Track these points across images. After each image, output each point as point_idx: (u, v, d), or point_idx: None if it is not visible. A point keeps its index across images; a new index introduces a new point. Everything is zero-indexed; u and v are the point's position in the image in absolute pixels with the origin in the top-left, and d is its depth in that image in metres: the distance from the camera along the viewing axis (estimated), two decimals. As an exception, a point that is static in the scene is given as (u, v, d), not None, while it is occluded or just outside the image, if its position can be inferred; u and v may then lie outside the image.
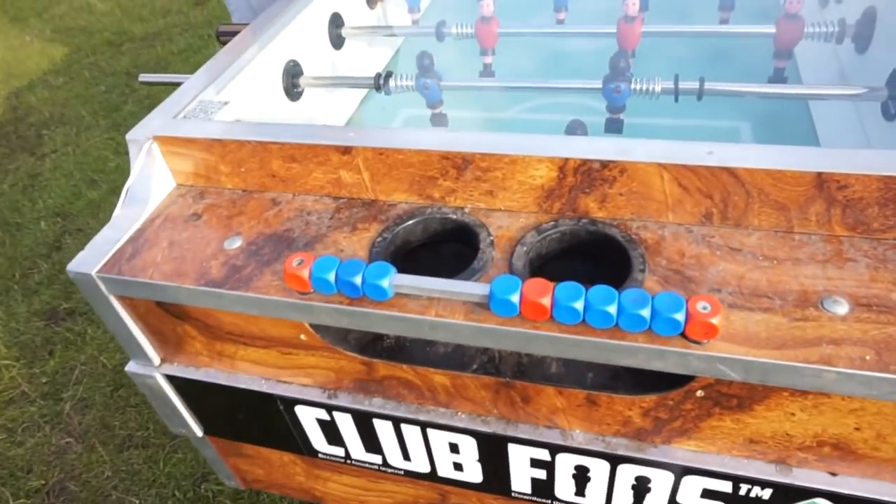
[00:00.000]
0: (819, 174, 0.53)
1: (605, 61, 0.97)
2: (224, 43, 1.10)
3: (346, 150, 0.65)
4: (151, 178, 0.73)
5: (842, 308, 0.50)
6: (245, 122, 0.75)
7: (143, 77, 1.06)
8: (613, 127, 0.87)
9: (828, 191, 0.54)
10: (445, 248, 0.68)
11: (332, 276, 0.56)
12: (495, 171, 0.62)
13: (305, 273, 0.57)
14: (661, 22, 0.96)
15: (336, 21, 1.09)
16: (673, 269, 0.56)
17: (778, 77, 0.90)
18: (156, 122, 0.73)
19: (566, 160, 0.59)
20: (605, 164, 0.58)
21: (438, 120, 0.96)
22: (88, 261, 0.66)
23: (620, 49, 0.93)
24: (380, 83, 0.94)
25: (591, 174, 0.59)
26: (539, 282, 0.52)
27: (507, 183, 0.62)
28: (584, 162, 0.58)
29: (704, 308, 0.48)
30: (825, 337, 0.49)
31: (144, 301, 0.67)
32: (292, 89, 0.97)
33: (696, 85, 0.80)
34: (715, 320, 0.47)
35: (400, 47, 1.25)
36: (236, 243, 0.65)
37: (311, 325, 0.63)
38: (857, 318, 0.50)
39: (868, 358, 0.46)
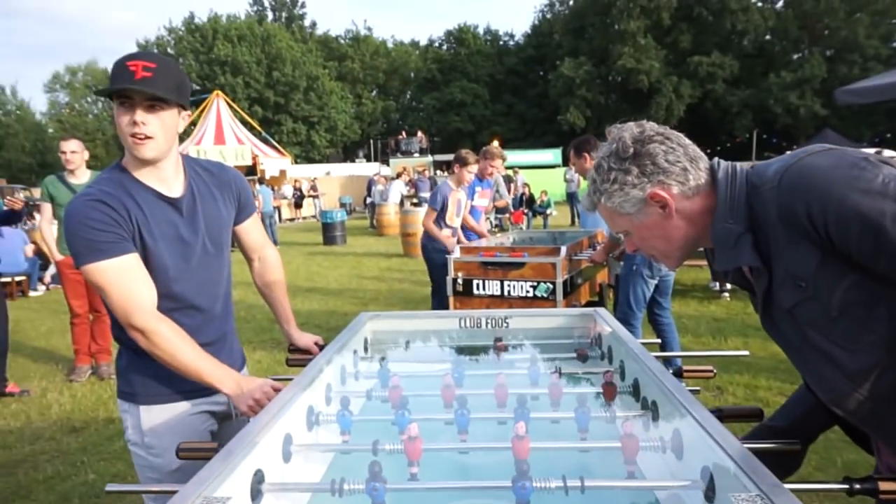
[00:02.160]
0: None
1: (506, 467, 1.27)
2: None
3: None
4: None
5: None
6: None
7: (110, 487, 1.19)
8: (523, 517, 1.12)
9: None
10: None
11: None
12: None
13: None
14: (542, 440, 1.31)
15: (287, 440, 1.34)
16: None
17: (630, 476, 1.24)
18: (172, 517, 0.89)
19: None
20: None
21: (382, 518, 1.15)
22: None
23: (518, 459, 1.25)
24: (335, 488, 1.15)
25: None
26: None
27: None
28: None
29: None
30: None
31: None
32: (256, 495, 1.15)
33: (578, 483, 1.12)
34: None
35: (331, 461, 1.49)
36: None
37: None
38: None
39: None
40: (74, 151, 4.74)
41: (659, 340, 2.77)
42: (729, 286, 7.74)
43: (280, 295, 2.06)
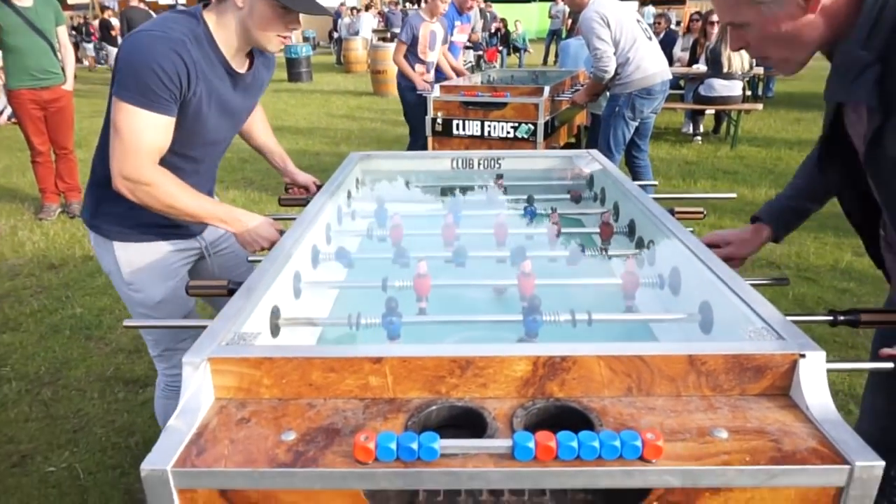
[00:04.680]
0: (690, 356, 0.88)
1: (511, 302, 1.33)
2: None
3: (378, 360, 0.89)
4: (201, 393, 0.88)
5: (723, 434, 0.81)
6: (282, 345, 0.95)
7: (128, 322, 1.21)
8: (531, 347, 1.19)
9: (696, 365, 0.88)
10: (447, 432, 0.90)
11: (393, 445, 0.76)
12: (489, 369, 0.89)
13: (372, 445, 0.76)
14: (541, 278, 1.35)
15: (297, 278, 1.36)
16: (618, 422, 0.84)
17: (628, 310, 1.32)
18: (207, 348, 0.91)
19: (538, 357, 0.88)
20: (563, 359, 0.88)
21: (396, 348, 1.21)
22: (161, 458, 0.77)
23: (524, 294, 1.30)
24: (352, 322, 1.20)
25: (554, 366, 0.88)
26: (545, 433, 0.77)
27: (497, 377, 0.89)
28: (550, 358, 0.88)
29: (651, 437, 0.76)
30: (722, 451, 0.78)
31: (208, 491, 0.78)
32: (274, 329, 1.18)
33: (586, 316, 1.18)
34: (660, 443, 0.75)
35: (337, 296, 1.54)
36: (291, 436, 0.82)
37: (365, 493, 0.79)
38: (734, 439, 0.80)
39: (748, 459, 0.76)
40: None
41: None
42: (702, 129, 7.76)
43: (272, 140, 2.06)
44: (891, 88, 0.97)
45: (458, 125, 4.50)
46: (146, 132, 1.43)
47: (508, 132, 4.37)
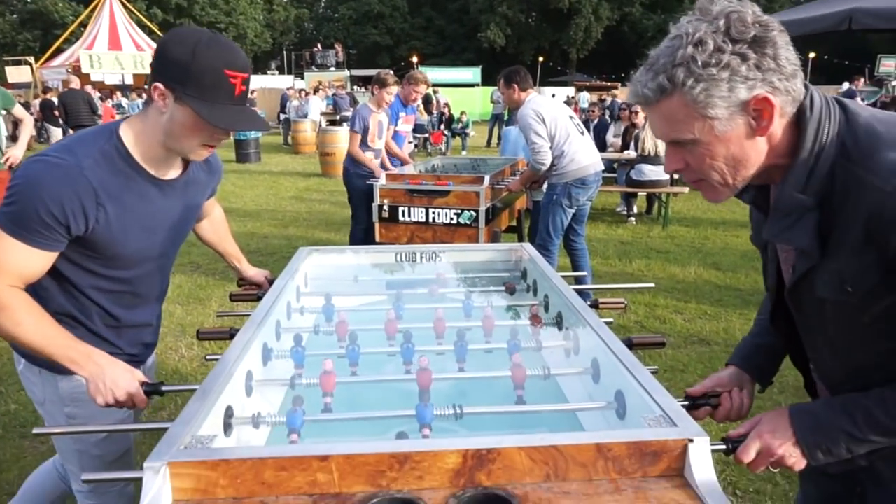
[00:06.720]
0: (598, 444, 1.01)
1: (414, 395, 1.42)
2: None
3: (324, 458, 0.99)
4: (161, 497, 0.96)
5: (626, 514, 0.94)
6: (237, 447, 1.04)
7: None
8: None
9: (604, 452, 1.02)
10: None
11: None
12: (424, 462, 1.00)
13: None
14: (441, 371, 1.48)
15: (249, 377, 1.45)
16: (538, 508, 0.96)
17: (519, 401, 1.42)
18: (167, 452, 1.00)
19: (467, 450, 1.00)
20: (489, 451, 1.00)
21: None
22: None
23: (421, 389, 1.40)
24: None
25: (482, 458, 1.01)
26: (472, 520, 0.88)
27: (432, 469, 1.00)
28: (477, 451, 1.00)
29: (563, 520, 0.88)
30: (623, 530, 0.91)
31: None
32: (227, 428, 1.27)
33: (523, 406, 1.31)
34: (570, 526, 0.88)
35: (285, 393, 1.62)
36: (245, 534, 0.90)
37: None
38: (635, 518, 0.94)
39: (645, 535, 0.89)
40: None
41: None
42: (635, 210, 8.25)
43: (229, 242, 2.15)
44: (826, 234, 0.99)
45: (403, 212, 4.70)
46: (8, 258, 1.36)
47: (452, 218, 4.59)
